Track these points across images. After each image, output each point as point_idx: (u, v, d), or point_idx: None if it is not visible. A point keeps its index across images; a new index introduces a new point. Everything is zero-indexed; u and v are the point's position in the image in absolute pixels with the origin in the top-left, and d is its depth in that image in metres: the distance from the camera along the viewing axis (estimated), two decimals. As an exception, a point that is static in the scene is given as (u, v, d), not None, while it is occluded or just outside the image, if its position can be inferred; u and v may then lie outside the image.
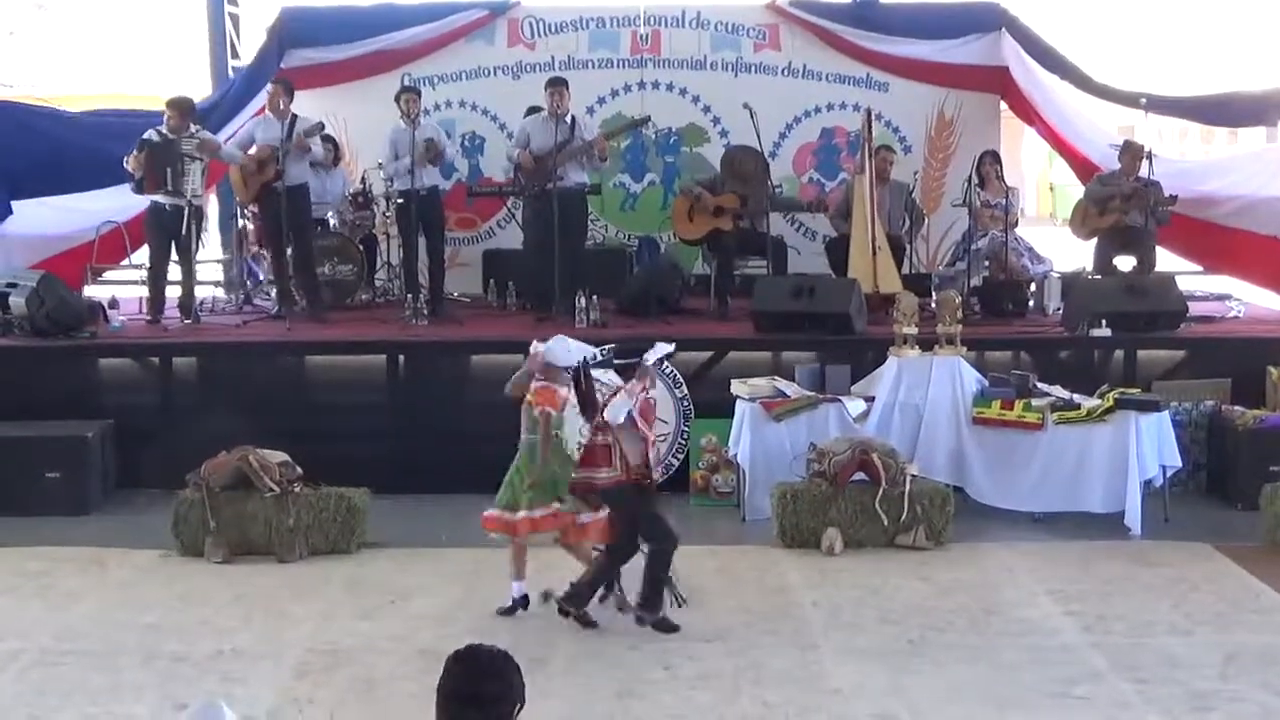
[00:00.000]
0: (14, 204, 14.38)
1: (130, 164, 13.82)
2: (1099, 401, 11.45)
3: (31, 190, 14.49)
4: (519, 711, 4.50)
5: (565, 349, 9.13)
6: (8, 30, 43.52)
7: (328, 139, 15.34)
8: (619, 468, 8.90)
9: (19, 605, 9.63)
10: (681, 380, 12.43)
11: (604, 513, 9.12)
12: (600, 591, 9.00)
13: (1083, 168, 16.19)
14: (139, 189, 13.97)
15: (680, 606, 8.92)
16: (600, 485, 8.97)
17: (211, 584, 10.07)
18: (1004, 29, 16.26)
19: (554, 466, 9.12)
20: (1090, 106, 16.17)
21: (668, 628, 8.83)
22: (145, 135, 14.01)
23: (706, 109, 16.77)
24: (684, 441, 12.35)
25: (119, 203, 14.71)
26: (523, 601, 9.26)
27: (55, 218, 14.81)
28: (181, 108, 14.12)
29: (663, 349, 9.20)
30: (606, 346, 10.09)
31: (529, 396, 9.14)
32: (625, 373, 9.01)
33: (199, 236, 14.65)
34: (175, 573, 10.39)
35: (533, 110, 14.79)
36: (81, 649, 8.76)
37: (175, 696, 7.90)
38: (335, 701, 7.91)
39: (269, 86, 14.43)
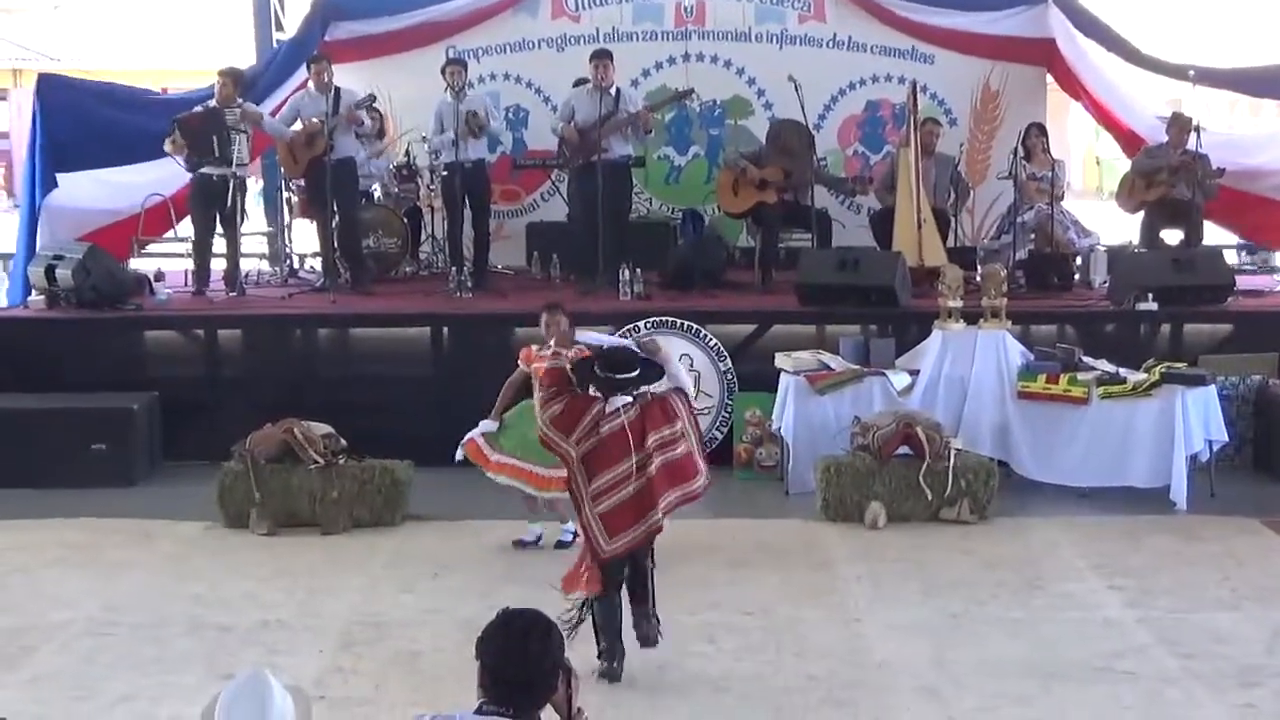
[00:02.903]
0: (61, 176, 14.44)
1: (169, 147, 13.89)
2: (1145, 375, 11.39)
3: (77, 163, 14.54)
4: (566, 680, 4.50)
5: (597, 336, 9.19)
6: (53, 4, 43.67)
7: (374, 112, 15.36)
8: None
9: (66, 576, 9.69)
10: (725, 353, 12.42)
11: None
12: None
13: (1129, 141, 16.07)
14: (192, 166, 14.03)
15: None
16: None
17: (256, 556, 10.13)
18: (1050, 1, 16.14)
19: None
20: (1137, 79, 16.03)
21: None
22: (179, 115, 14.07)
23: (751, 81, 16.69)
24: (728, 415, 12.34)
25: (165, 175, 14.75)
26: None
27: (101, 191, 14.85)
28: (233, 77, 14.18)
29: (677, 382, 8.29)
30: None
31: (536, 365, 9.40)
32: (622, 387, 7.96)
33: (243, 208, 14.69)
34: (220, 544, 10.46)
35: (580, 82, 14.76)
36: (128, 620, 8.82)
37: (221, 667, 7.94)
38: (379, 673, 7.95)
39: (313, 65, 14.42)
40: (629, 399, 7.87)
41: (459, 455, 10.19)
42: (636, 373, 7.94)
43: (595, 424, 7.78)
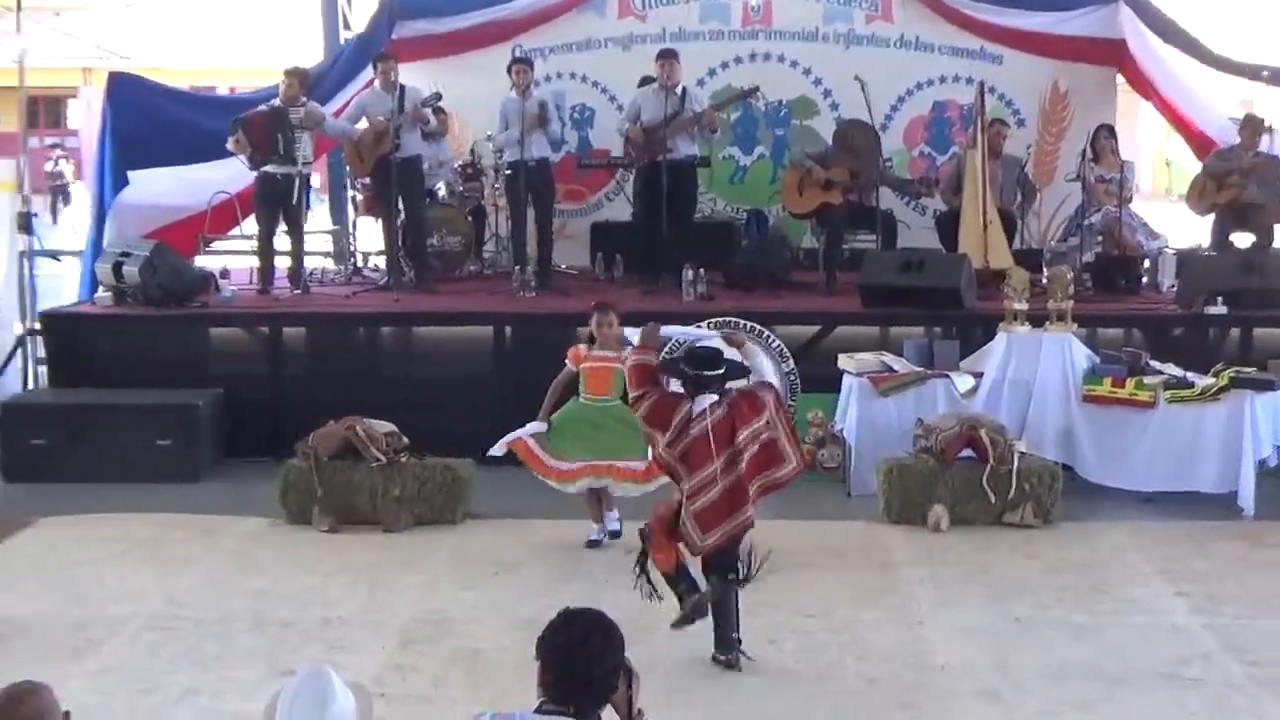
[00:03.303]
0: (132, 174, 14.55)
1: (232, 146, 13.97)
2: (1213, 380, 11.30)
3: (146, 161, 14.65)
4: (627, 680, 4.49)
5: (683, 330, 9.18)
6: (124, 2, 43.99)
7: (440, 110, 15.41)
8: None
9: (131, 571, 9.76)
10: (788, 354, 12.38)
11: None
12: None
13: (1200, 142, 15.94)
14: (255, 165, 14.10)
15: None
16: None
17: (318, 553, 10.16)
18: (1121, 0, 16.01)
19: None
20: (1209, 80, 15.89)
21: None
22: (241, 115, 14.15)
23: (817, 81, 16.64)
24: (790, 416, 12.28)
25: (231, 173, 14.82)
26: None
27: (169, 188, 14.94)
28: (299, 77, 14.25)
29: (762, 375, 8.47)
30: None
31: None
32: (708, 384, 8.06)
33: (308, 208, 14.75)
34: (283, 541, 10.50)
35: (645, 81, 14.75)
36: (191, 615, 8.87)
37: (283, 663, 7.97)
38: (439, 670, 7.97)
39: (379, 64, 14.46)
40: (715, 397, 7.97)
41: (499, 451, 10.16)
42: (722, 370, 8.06)
43: (685, 424, 7.92)
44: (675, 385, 8.31)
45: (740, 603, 8.11)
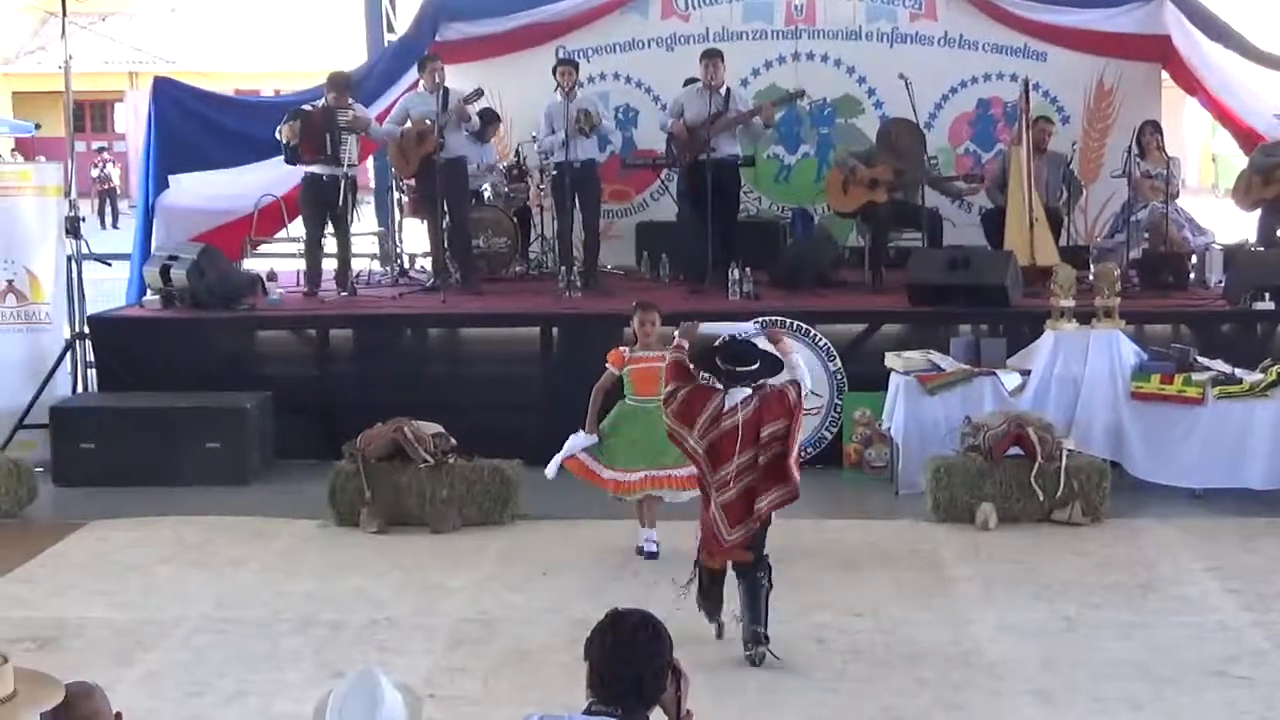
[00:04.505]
0: (173, 177, 14.63)
1: (284, 133, 13.99)
2: (1262, 376, 11.26)
3: (191, 165, 14.75)
4: (676, 681, 4.49)
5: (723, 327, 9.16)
6: (169, 7, 44.23)
7: (488, 112, 15.43)
8: None
9: (181, 573, 9.81)
10: (835, 353, 12.37)
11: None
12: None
13: (1247, 138, 15.87)
14: (293, 158, 14.14)
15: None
16: None
17: (367, 554, 10.19)
18: (1165, -4, 15.96)
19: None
20: (1255, 75, 15.81)
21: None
22: (301, 106, 14.21)
23: (861, 80, 16.62)
24: (837, 415, 12.30)
25: (277, 175, 14.89)
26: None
27: (215, 191, 15.03)
28: (339, 83, 14.29)
29: (794, 374, 8.43)
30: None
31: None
32: (742, 379, 8.15)
33: (354, 208, 14.81)
34: (331, 542, 10.54)
35: (690, 82, 14.76)
36: (241, 617, 8.92)
37: (332, 665, 8.01)
38: (488, 671, 7.99)
39: (426, 65, 14.48)
40: (748, 391, 8.03)
41: (553, 473, 10.08)
42: (757, 365, 8.11)
43: (716, 417, 7.98)
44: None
45: (770, 600, 8.15)
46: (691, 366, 8.36)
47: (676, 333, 8.80)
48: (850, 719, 7.39)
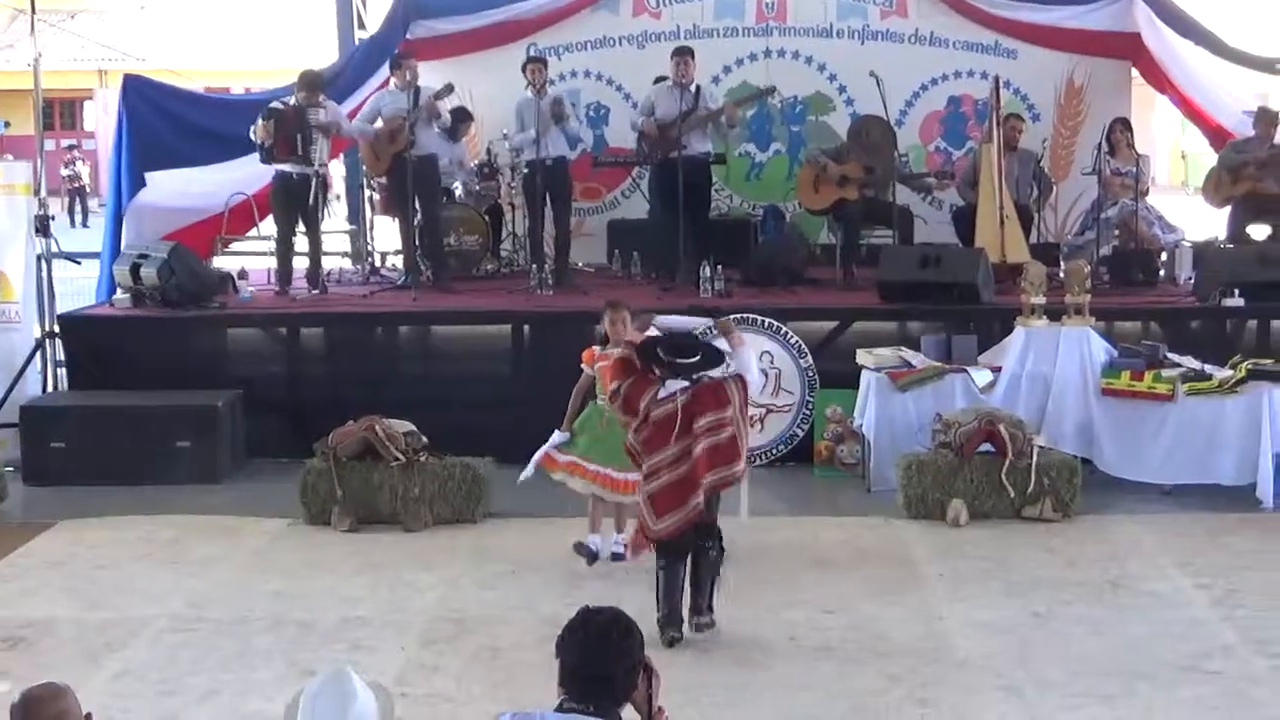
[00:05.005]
0: (149, 175, 14.59)
1: (258, 133, 13.96)
2: (1231, 372, 11.29)
3: (162, 163, 14.70)
4: (647, 679, 4.50)
5: (673, 320, 9.17)
6: (139, 5, 44.09)
7: (460, 110, 15.43)
8: None
9: (151, 572, 9.79)
10: (806, 350, 12.35)
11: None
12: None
13: (1216, 135, 15.92)
14: (267, 158, 14.11)
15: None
16: None
17: (338, 552, 10.18)
18: (1136, -6, 16.00)
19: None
20: (1224, 72, 15.87)
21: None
22: (272, 104, 14.18)
23: (832, 77, 16.62)
24: (809, 412, 12.25)
25: (248, 174, 14.86)
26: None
27: (186, 190, 14.98)
28: (309, 81, 14.26)
29: (741, 368, 8.57)
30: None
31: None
32: (682, 370, 8.30)
33: (325, 207, 14.78)
34: (303, 541, 10.52)
35: (660, 79, 14.77)
36: (212, 616, 8.90)
37: (303, 663, 8.00)
38: (461, 669, 7.99)
39: (402, 63, 14.45)
40: (685, 383, 8.19)
41: (530, 473, 10.01)
42: (697, 357, 8.26)
43: (650, 406, 8.16)
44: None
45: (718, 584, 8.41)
46: (636, 360, 8.43)
47: (633, 323, 8.88)
48: (822, 716, 7.39)
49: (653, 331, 8.95)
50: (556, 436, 9.92)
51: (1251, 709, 7.37)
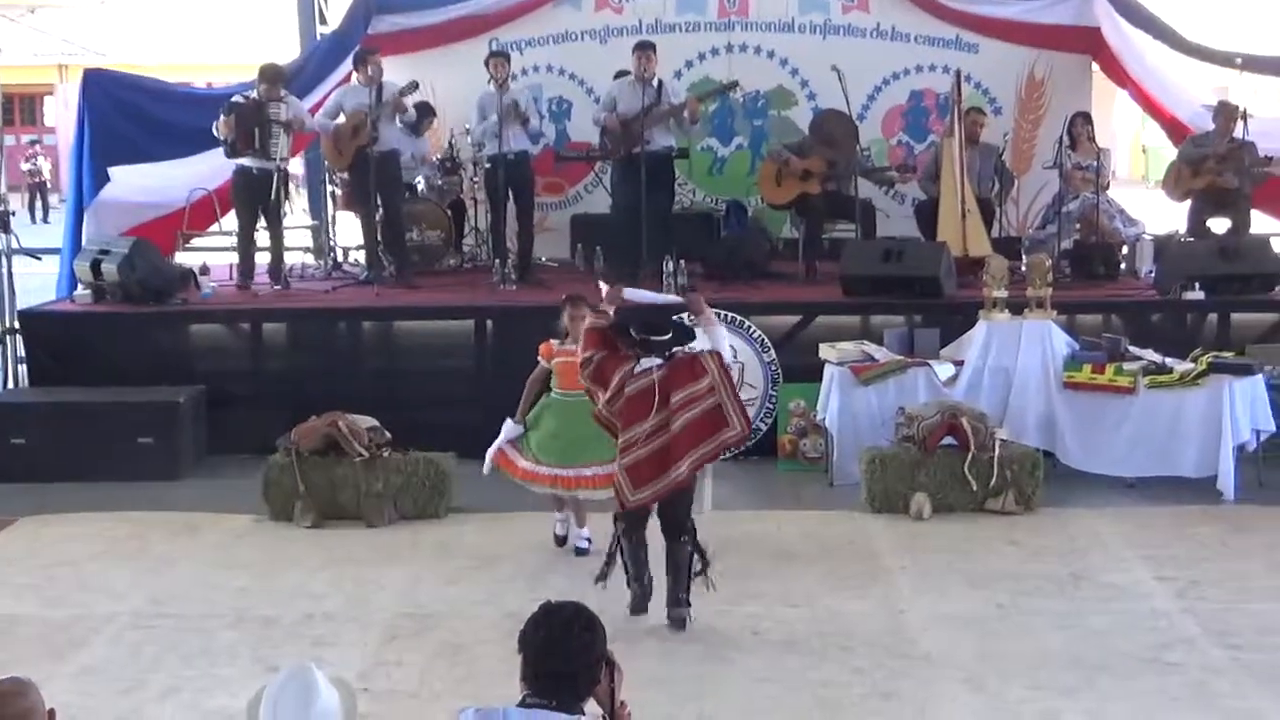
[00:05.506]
0: (115, 171, 14.51)
1: (220, 129, 13.91)
2: (1192, 365, 11.34)
3: (123, 158, 14.61)
4: (609, 673, 4.50)
5: (643, 294, 9.20)
6: (99, -1, 43.87)
7: (423, 105, 15.40)
8: None
9: (113, 569, 9.75)
10: (769, 344, 12.40)
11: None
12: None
13: (1174, 129, 15.97)
14: (230, 152, 14.06)
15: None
16: None
17: (301, 548, 10.16)
18: (1096, -12, 16.04)
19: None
20: (1183, 67, 15.92)
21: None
22: (233, 98, 14.13)
23: (794, 72, 16.63)
24: (772, 406, 12.33)
25: (209, 169, 14.80)
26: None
27: (147, 185, 14.91)
28: (270, 76, 14.18)
29: (714, 343, 8.72)
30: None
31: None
32: (655, 347, 8.48)
33: (286, 201, 14.73)
34: (266, 537, 10.50)
35: (622, 74, 14.76)
36: (174, 612, 8.88)
37: (266, 660, 7.99)
38: (424, 665, 7.98)
39: (367, 59, 14.38)
40: (660, 360, 8.36)
41: (488, 469, 10.05)
42: (669, 335, 8.48)
43: (625, 381, 8.31)
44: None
45: (694, 568, 8.48)
46: (610, 335, 8.58)
47: (603, 295, 9.00)
48: (786, 709, 7.40)
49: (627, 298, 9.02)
50: (510, 428, 9.92)
51: (1212, 701, 7.41)
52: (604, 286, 9.30)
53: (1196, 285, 12.76)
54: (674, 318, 8.86)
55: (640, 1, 16.61)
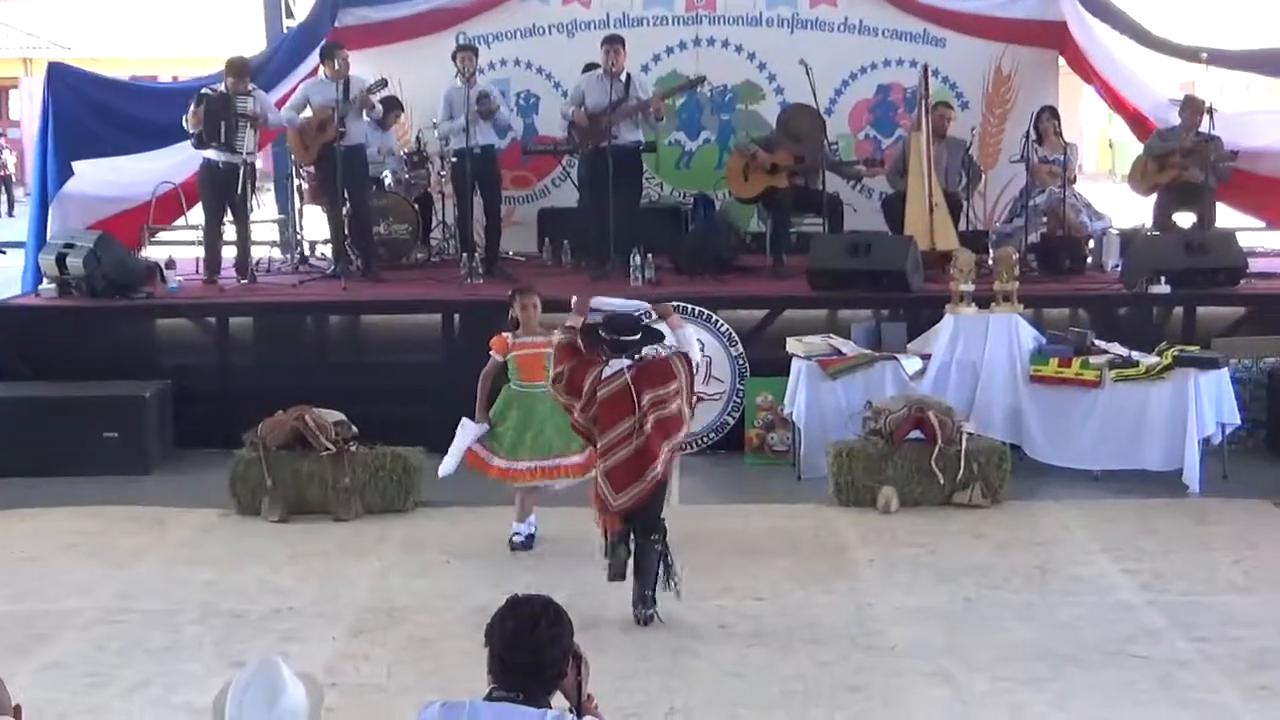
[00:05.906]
0: (76, 164, 14.44)
1: (189, 121, 13.85)
2: (1158, 359, 11.37)
3: (88, 152, 14.53)
4: (576, 666, 4.50)
5: (611, 301, 9.17)
6: (64, -8, 43.71)
7: (390, 99, 15.38)
8: None
9: (79, 564, 9.72)
10: (736, 338, 12.40)
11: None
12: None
13: (1138, 124, 16.04)
14: (199, 144, 14.01)
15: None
16: None
17: (268, 543, 10.13)
18: (1062, -17, 16.09)
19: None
20: (1149, 62, 15.98)
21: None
22: (202, 90, 14.08)
23: (762, 66, 16.64)
24: (739, 400, 12.33)
25: (175, 162, 14.75)
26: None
27: (112, 179, 14.83)
28: (237, 69, 14.13)
29: (683, 346, 8.74)
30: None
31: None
32: (624, 349, 8.53)
33: (253, 195, 14.69)
34: (232, 532, 10.47)
35: (590, 68, 14.75)
36: (141, 607, 8.84)
37: (233, 654, 7.96)
38: (391, 659, 7.97)
39: (335, 54, 14.33)
40: (628, 362, 8.40)
41: (452, 468, 9.97)
42: (638, 336, 8.53)
43: (596, 386, 8.35)
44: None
45: (663, 566, 8.47)
46: (580, 343, 8.61)
47: (572, 304, 8.96)
48: (754, 702, 7.40)
49: (595, 307, 8.99)
50: (473, 427, 9.89)
51: (1178, 692, 7.43)
52: (573, 300, 9.24)
53: (1162, 279, 12.80)
54: (642, 320, 8.80)
55: (608, -5, 16.61)
